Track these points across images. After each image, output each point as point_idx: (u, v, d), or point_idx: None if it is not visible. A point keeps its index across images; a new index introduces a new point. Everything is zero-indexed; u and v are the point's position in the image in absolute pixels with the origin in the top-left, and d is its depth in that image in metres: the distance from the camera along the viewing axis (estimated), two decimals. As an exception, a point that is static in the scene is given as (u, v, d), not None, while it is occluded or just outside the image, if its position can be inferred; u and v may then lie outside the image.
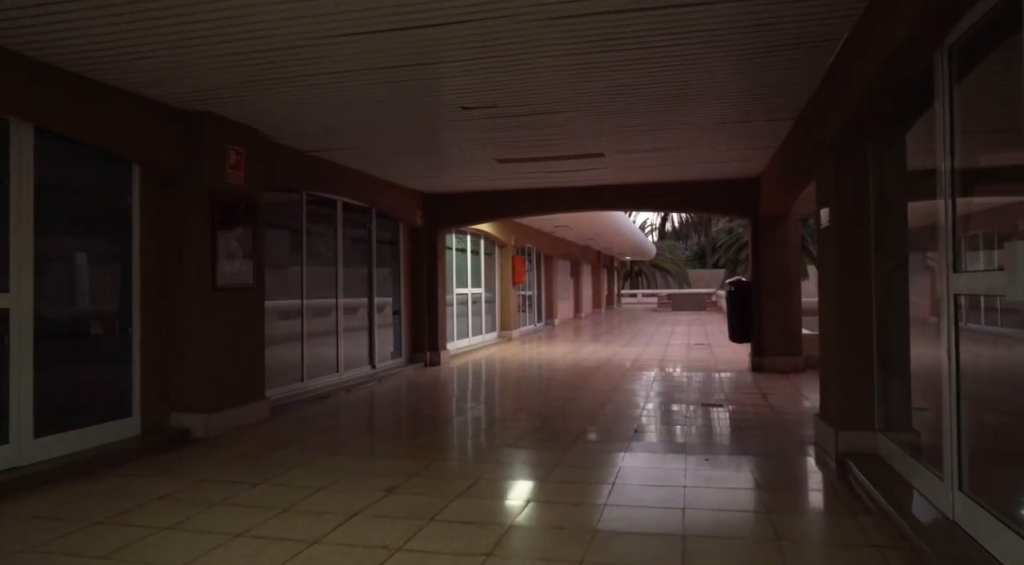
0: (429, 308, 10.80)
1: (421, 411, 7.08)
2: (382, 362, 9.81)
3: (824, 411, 5.15)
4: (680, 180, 9.87)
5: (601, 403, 7.29)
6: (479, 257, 14.42)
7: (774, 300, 9.45)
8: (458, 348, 12.76)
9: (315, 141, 6.96)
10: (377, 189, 9.20)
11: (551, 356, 12.12)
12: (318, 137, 6.77)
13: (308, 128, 6.39)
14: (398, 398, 8.09)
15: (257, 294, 6.29)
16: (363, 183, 8.79)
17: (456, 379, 9.50)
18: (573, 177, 9.48)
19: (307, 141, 6.95)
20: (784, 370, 9.35)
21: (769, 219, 9.53)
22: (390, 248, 10.31)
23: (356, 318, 9.25)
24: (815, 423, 5.30)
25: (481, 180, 9.64)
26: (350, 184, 8.49)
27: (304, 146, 7.16)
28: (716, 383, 8.66)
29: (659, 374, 9.55)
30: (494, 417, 6.77)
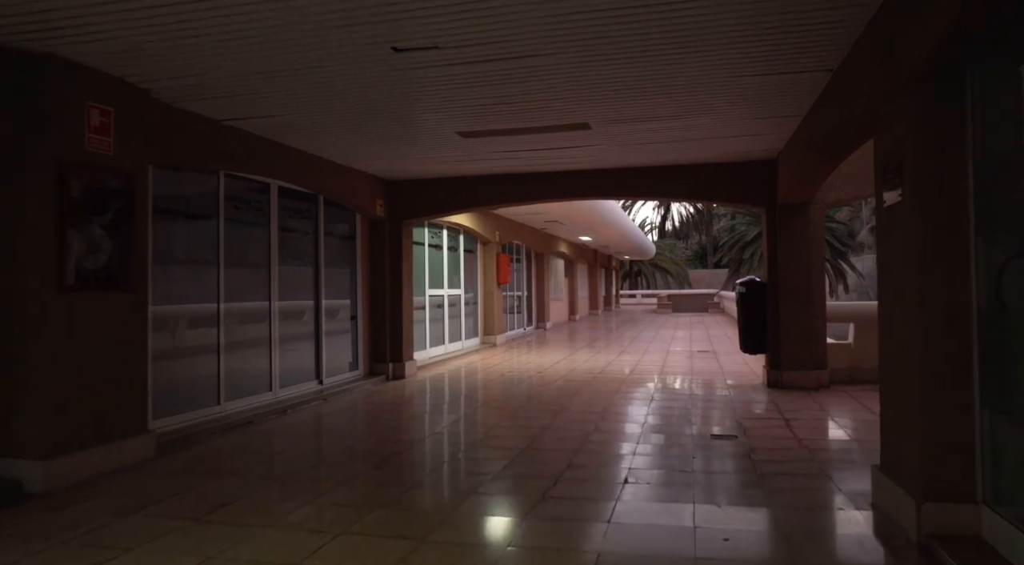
0: (392, 312, 9.36)
1: (358, 445, 5.62)
2: (333, 376, 8.36)
3: (890, 464, 3.68)
4: (680, 163, 8.43)
5: (587, 432, 5.85)
6: (457, 254, 12.98)
7: (793, 303, 8.01)
8: (431, 357, 11.32)
9: (229, 106, 5.50)
10: (324, 173, 7.76)
11: (537, 366, 10.68)
12: (230, 100, 5.32)
13: (212, 86, 4.93)
14: (340, 424, 6.64)
15: (135, 298, 4.84)
16: (305, 165, 7.35)
17: (417, 398, 8.06)
18: (556, 159, 8.04)
19: (218, 106, 5.50)
20: (806, 387, 7.91)
21: (788, 208, 8.09)
22: (344, 243, 8.87)
23: (298, 325, 7.81)
24: (875, 479, 3.83)
25: (449, 163, 8.20)
26: (287, 165, 7.04)
27: (216, 113, 5.71)
28: (725, 404, 7.22)
29: (658, 391, 8.11)
30: (446, 456, 5.33)
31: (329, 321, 8.34)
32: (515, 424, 6.34)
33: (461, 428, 6.31)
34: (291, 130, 6.39)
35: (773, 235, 8.22)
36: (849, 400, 7.21)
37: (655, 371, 9.86)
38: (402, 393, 8.23)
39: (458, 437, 5.98)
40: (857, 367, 8.37)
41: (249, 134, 6.33)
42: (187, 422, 5.84)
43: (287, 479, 4.54)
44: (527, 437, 5.72)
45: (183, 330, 6.11)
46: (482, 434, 6.05)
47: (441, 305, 12.02)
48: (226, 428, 6.00)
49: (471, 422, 6.57)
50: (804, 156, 6.34)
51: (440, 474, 4.71)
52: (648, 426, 6.09)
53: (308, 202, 8.02)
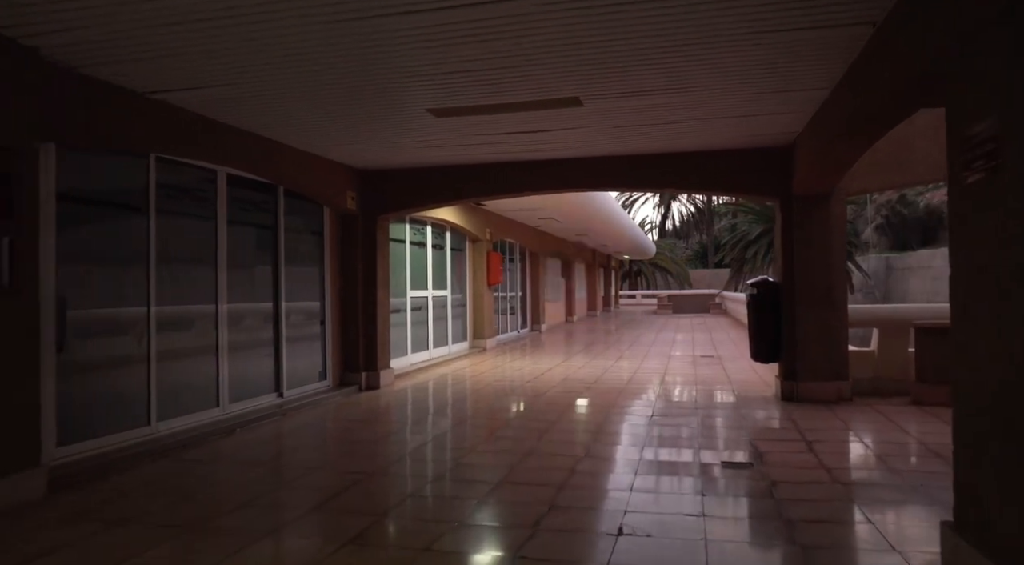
0: (365, 317, 8.47)
1: (304, 476, 4.73)
2: (296, 388, 7.48)
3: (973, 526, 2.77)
4: (682, 150, 7.55)
5: (576, 458, 4.98)
6: (444, 253, 12.09)
7: (811, 306, 7.13)
8: (413, 364, 10.43)
9: (145, 73, 4.61)
10: (284, 160, 6.88)
11: (527, 373, 9.79)
12: (143, 65, 4.43)
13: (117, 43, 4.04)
14: (292, 446, 5.76)
15: (18, 304, 3.95)
16: (260, 150, 6.46)
17: (389, 413, 7.17)
18: (545, 145, 7.15)
19: (133, 73, 4.61)
20: (825, 400, 7.03)
21: (805, 199, 7.20)
22: (310, 239, 7.99)
23: (254, 330, 6.93)
24: (946, 541, 2.90)
25: (426, 150, 7.32)
26: (237, 150, 6.16)
27: (133, 82, 4.81)
28: (736, 421, 6.33)
29: (659, 404, 7.22)
30: (408, 490, 4.45)
31: (292, 326, 7.46)
32: (494, 447, 5.46)
33: (430, 453, 5.43)
34: (235, 107, 5.50)
35: (788, 230, 7.33)
36: (876, 416, 6.33)
37: (655, 380, 8.98)
38: (374, 407, 7.35)
39: (425, 466, 5.09)
40: (881, 377, 7.49)
41: (184, 111, 5.45)
42: (105, 447, 4.95)
43: (201, 527, 3.65)
44: (506, 465, 4.84)
45: (105, 338, 5.23)
46: (454, 461, 5.17)
47: (425, 307, 11.14)
48: (155, 454, 5.11)
49: (444, 444, 5.69)
50: (830, 137, 5.46)
51: (390, 522, 3.83)
52: (648, 451, 5.20)
53: (265, 193, 7.13)
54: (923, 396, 6.80)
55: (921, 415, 6.35)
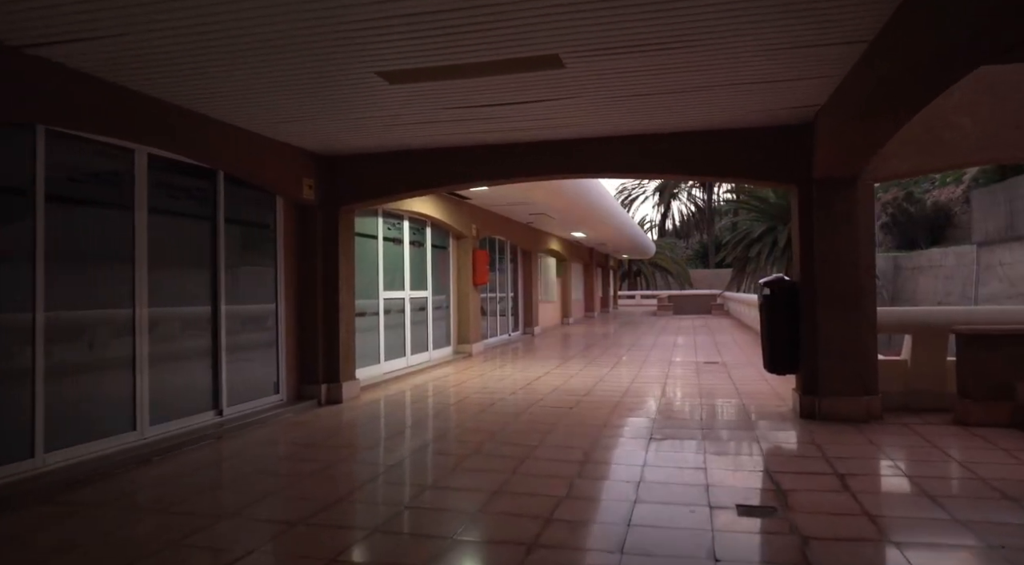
0: (326, 321, 7.49)
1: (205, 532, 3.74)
2: (241, 403, 6.49)
3: None
4: (684, 129, 6.57)
5: (557, 500, 3.99)
6: (423, 250, 11.10)
7: (836, 310, 6.14)
8: (387, 373, 9.44)
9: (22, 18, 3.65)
10: (223, 140, 5.90)
11: (513, 383, 8.81)
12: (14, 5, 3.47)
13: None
14: (210, 482, 4.75)
15: None
16: (187, 126, 5.49)
17: (344, 434, 6.17)
18: (524, 121, 6.17)
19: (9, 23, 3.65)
20: (852, 418, 6.04)
21: (828, 185, 6.23)
22: (259, 233, 7.00)
23: (184, 338, 5.95)
24: None
25: (389, 129, 6.34)
26: (156, 124, 5.18)
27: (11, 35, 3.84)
28: (750, 446, 5.35)
29: (658, 423, 6.23)
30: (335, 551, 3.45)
31: (235, 333, 6.47)
32: (459, 482, 4.47)
33: (379, 493, 4.43)
34: (145, 70, 4.51)
35: (807, 220, 6.35)
36: (916, 440, 5.35)
37: (655, 392, 7.99)
38: (332, 425, 6.36)
39: (369, 510, 4.10)
40: (915, 390, 6.51)
41: (79, 74, 4.46)
42: (-32, 488, 3.98)
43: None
44: (467, 513, 3.86)
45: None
46: (406, 503, 4.18)
47: (401, 310, 10.15)
48: (34, 495, 4.13)
49: (398, 479, 4.70)
50: (862, 108, 4.48)
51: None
52: (644, 489, 4.21)
53: (201, 179, 6.15)
54: (967, 415, 5.82)
55: (968, 439, 5.37)
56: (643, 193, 56.18)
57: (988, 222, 19.55)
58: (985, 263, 19.65)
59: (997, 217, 19.15)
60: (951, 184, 34.97)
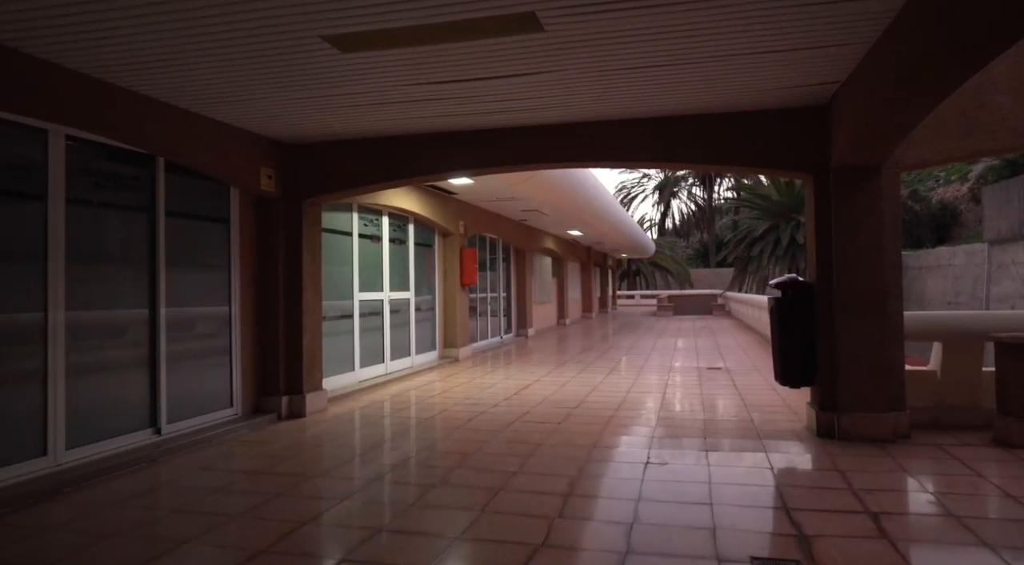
0: (288, 326, 6.76)
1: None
2: (185, 420, 5.76)
3: None
4: (682, 112, 5.85)
5: (531, 549, 3.27)
6: (406, 248, 10.36)
7: (858, 314, 5.42)
8: (363, 381, 8.71)
9: None
10: (158, 121, 5.17)
11: (499, 393, 8.08)
12: None
13: None
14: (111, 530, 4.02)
15: None
16: (116, 104, 4.75)
17: (298, 456, 5.43)
18: (501, 100, 5.44)
19: None
20: (877, 437, 5.32)
21: (848, 174, 5.50)
22: (210, 228, 6.26)
23: (113, 346, 5.22)
24: None
25: (350, 111, 5.61)
26: (76, 102, 4.44)
27: None
28: (762, 473, 4.61)
29: (656, 442, 5.50)
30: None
31: (179, 339, 5.74)
32: (417, 524, 3.74)
33: (316, 539, 3.69)
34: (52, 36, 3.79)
35: (825, 214, 5.63)
36: (954, 466, 4.62)
37: (653, 405, 7.26)
38: (286, 445, 5.63)
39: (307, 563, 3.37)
40: (945, 405, 5.78)
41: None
42: None
43: None
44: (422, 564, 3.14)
45: None
46: (343, 557, 3.45)
47: (380, 312, 9.41)
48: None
49: (344, 520, 3.96)
50: (892, 84, 3.75)
51: None
52: (639, 535, 3.48)
53: (136, 166, 5.42)
54: (1009, 434, 5.09)
55: (1017, 466, 4.64)
56: (643, 191, 55.50)
57: (1000, 219, 18.82)
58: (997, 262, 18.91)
59: (1010, 214, 18.41)
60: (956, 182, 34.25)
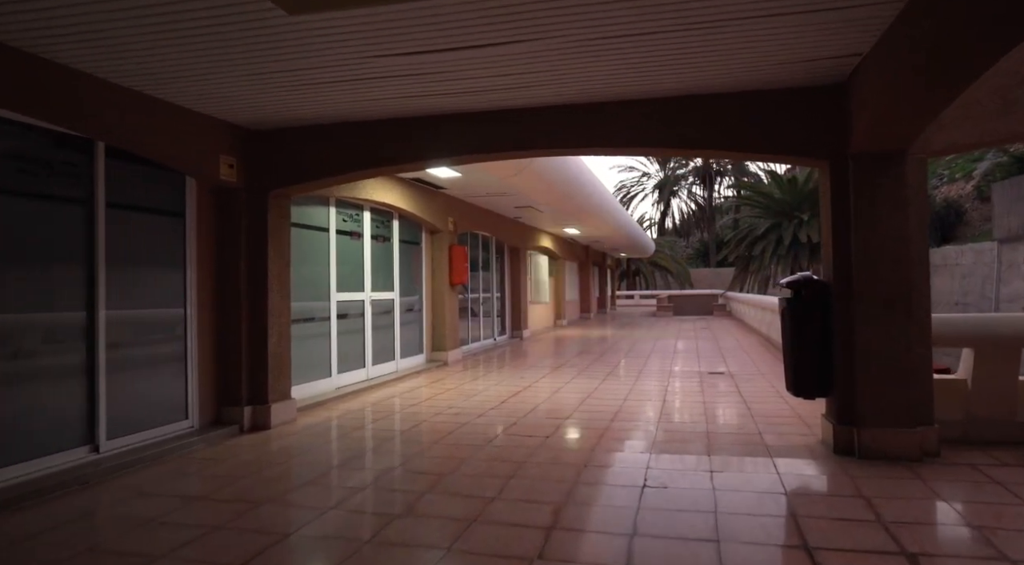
0: (251, 329, 6.18)
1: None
2: (130, 435, 5.18)
3: None
4: (681, 91, 5.27)
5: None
6: (390, 245, 9.78)
7: (880, 316, 4.84)
8: (341, 388, 8.13)
9: None
10: (96, 100, 4.59)
11: (485, 401, 7.50)
12: None
13: None
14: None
15: None
16: (45, 80, 4.17)
17: (244, 480, 4.84)
18: (475, 77, 4.86)
19: None
20: (903, 455, 4.73)
21: (869, 160, 4.91)
22: (162, 222, 5.67)
23: (39, 354, 4.63)
24: None
25: (311, 92, 5.03)
26: None
27: None
28: (775, 500, 4.02)
29: (655, 461, 4.92)
30: None
31: (123, 345, 5.16)
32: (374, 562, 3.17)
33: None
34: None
35: (842, 205, 5.04)
36: (994, 490, 4.03)
37: (651, 415, 6.68)
38: (243, 463, 5.05)
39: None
40: (977, 419, 5.20)
41: None
42: None
43: None
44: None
45: None
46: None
47: (360, 314, 8.83)
48: None
49: (288, 560, 3.38)
50: (926, 54, 3.17)
51: None
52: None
53: (72, 150, 4.83)
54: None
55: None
56: (642, 190, 54.97)
57: (1011, 217, 18.23)
58: (1008, 261, 18.33)
59: (1021, 212, 17.83)
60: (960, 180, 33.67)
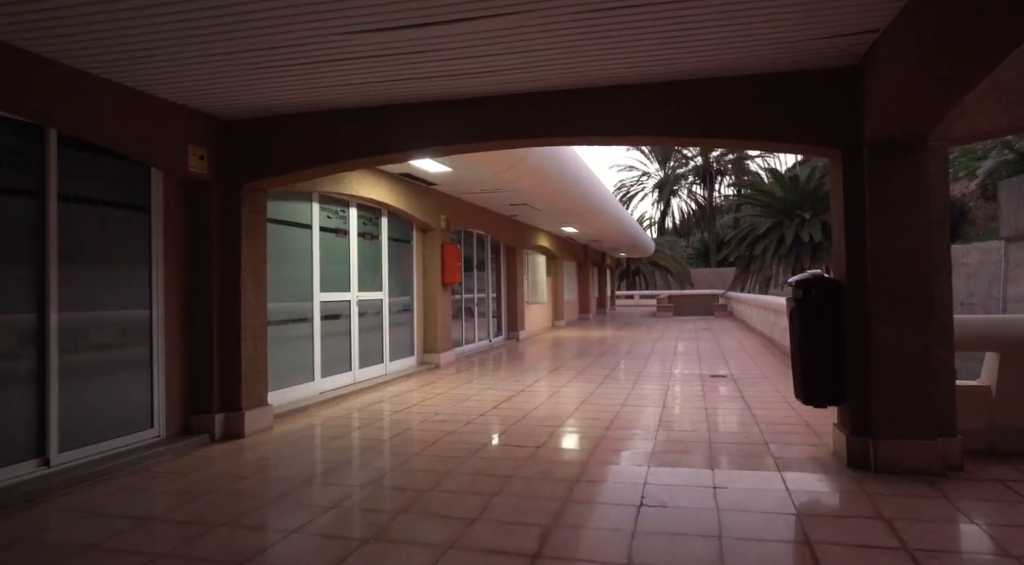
0: (224, 332, 5.80)
1: None
2: (88, 446, 4.79)
3: None
4: (680, 75, 4.89)
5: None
6: (377, 243, 9.39)
7: (898, 318, 4.45)
8: (325, 392, 7.75)
9: None
10: (52, 85, 4.21)
11: (474, 407, 7.11)
12: None
13: None
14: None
15: None
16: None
17: (203, 498, 4.44)
18: (457, 58, 4.48)
19: None
20: (924, 469, 4.35)
21: (886, 149, 4.53)
22: (124, 217, 5.28)
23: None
24: None
25: (277, 75, 4.65)
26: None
27: None
28: (788, 526, 3.63)
29: (653, 476, 4.53)
30: None
31: (78, 349, 4.78)
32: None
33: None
34: None
35: (856, 197, 4.66)
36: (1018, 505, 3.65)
37: (650, 422, 6.29)
38: (209, 475, 4.66)
39: None
40: (1001, 428, 4.81)
41: None
42: None
43: None
44: None
45: None
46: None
47: (347, 315, 8.45)
48: None
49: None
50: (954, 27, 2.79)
51: None
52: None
53: (17, 138, 4.45)
54: (1090, 468, 4.13)
55: (1109, 511, 3.67)
56: (642, 190, 54.57)
57: (1019, 215, 17.86)
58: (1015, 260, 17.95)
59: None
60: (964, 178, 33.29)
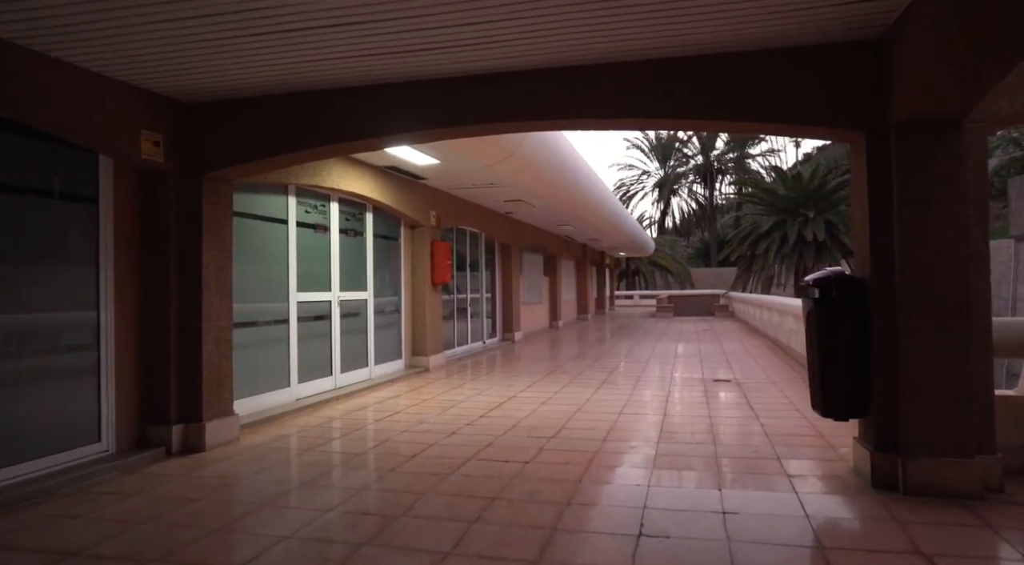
0: (183, 336, 5.29)
1: None
2: (20, 464, 4.28)
3: None
4: (686, 50, 4.39)
5: None
6: (362, 240, 8.88)
7: (930, 321, 3.95)
8: (302, 399, 7.24)
9: None
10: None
11: (459, 416, 6.61)
12: None
13: None
14: None
15: None
16: None
17: (142, 525, 3.92)
18: (441, 26, 3.98)
19: None
20: (961, 491, 3.85)
21: (916, 131, 4.02)
22: (67, 209, 4.77)
23: None
24: None
25: (246, 50, 4.14)
26: None
27: None
28: (808, 557, 3.12)
29: (653, 498, 4.02)
30: None
31: (13, 356, 4.27)
32: None
33: None
34: None
35: (882, 185, 4.15)
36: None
37: (650, 433, 5.78)
38: (156, 497, 4.16)
39: None
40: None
41: None
42: None
43: None
44: None
45: None
46: None
47: (327, 316, 7.94)
48: None
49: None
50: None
51: None
52: None
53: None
54: None
55: None
56: (642, 189, 54.10)
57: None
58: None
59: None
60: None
